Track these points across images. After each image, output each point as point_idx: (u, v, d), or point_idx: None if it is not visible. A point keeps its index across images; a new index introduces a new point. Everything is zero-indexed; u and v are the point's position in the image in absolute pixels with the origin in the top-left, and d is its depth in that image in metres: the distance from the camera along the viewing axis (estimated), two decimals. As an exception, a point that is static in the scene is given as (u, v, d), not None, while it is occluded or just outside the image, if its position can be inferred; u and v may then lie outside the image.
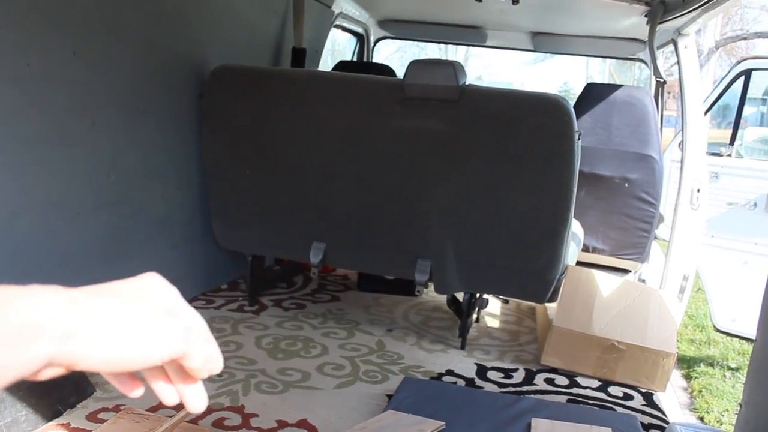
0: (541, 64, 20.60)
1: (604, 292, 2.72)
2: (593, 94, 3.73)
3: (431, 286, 2.73)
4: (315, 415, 2.09)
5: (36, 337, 0.48)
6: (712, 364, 4.42)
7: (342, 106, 2.60)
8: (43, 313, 0.49)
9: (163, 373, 0.59)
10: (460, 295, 2.79)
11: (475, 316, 3.01)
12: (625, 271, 3.67)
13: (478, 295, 2.84)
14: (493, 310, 3.27)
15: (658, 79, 3.82)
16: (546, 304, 2.87)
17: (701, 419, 3.73)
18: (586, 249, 3.62)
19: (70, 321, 0.50)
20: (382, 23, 4.78)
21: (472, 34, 4.69)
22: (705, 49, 13.13)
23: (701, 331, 5.07)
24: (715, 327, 4.24)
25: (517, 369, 2.60)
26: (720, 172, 4.18)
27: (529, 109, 2.41)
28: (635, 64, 5.45)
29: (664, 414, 2.32)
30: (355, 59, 4.88)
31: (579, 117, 3.34)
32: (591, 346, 2.51)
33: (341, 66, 3.89)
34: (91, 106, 2.30)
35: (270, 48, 3.47)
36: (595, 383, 2.50)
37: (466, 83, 2.46)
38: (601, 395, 2.41)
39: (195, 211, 2.97)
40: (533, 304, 3.27)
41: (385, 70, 3.76)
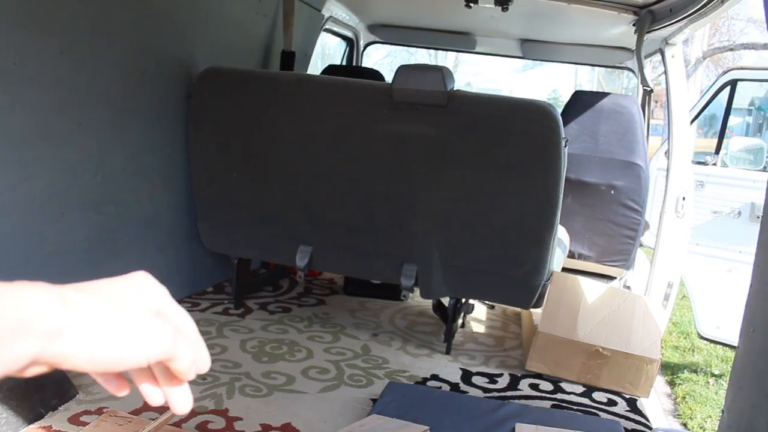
0: (530, 71, 20.76)
1: (589, 298, 2.73)
2: (580, 102, 3.76)
3: (417, 290, 2.73)
4: (299, 419, 2.08)
5: (22, 335, 0.48)
6: (695, 371, 4.45)
7: (330, 110, 2.60)
8: (30, 310, 0.48)
9: (149, 374, 0.58)
10: (446, 300, 2.79)
11: (460, 321, 3.01)
12: (610, 277, 3.70)
13: (464, 300, 2.84)
14: (478, 316, 3.28)
15: (645, 87, 3.85)
16: (531, 310, 2.88)
17: (685, 425, 3.75)
18: (571, 255, 3.64)
19: (57, 319, 0.49)
20: (372, 28, 4.79)
21: (461, 40, 4.71)
22: (692, 59, 13.26)
23: (686, 338, 5.11)
24: (699, 334, 4.27)
25: (502, 374, 2.60)
26: (705, 181, 4.21)
27: (516, 115, 2.42)
28: (624, 72, 5.49)
29: (647, 420, 2.33)
30: (344, 63, 4.89)
31: (566, 124, 3.37)
32: (576, 352, 2.52)
33: (330, 70, 3.89)
34: (78, 106, 2.29)
35: (259, 51, 3.47)
36: (580, 389, 2.51)
37: (455, 89, 2.47)
38: (585, 401, 2.42)
39: (181, 213, 2.96)
40: (519, 310, 3.29)
41: (375, 75, 3.77)
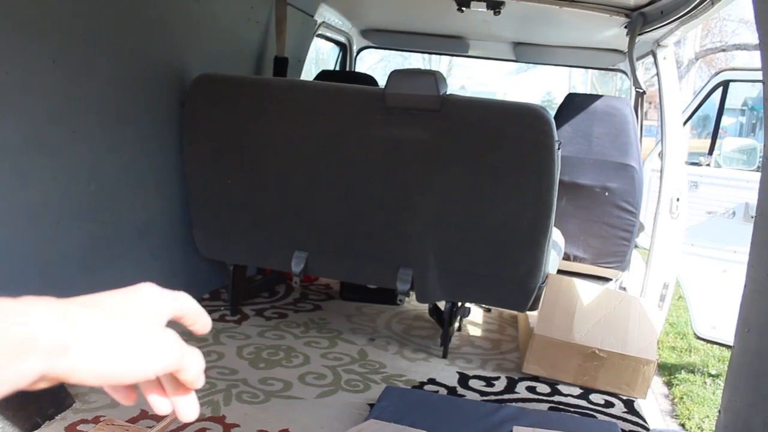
0: (524, 74, 20.78)
1: (584, 300, 2.73)
2: (574, 104, 3.77)
3: (413, 295, 2.73)
4: (296, 425, 2.08)
5: (28, 352, 0.47)
6: (692, 371, 4.45)
7: (324, 116, 2.60)
8: (35, 326, 0.48)
9: (157, 383, 0.58)
10: (442, 304, 2.79)
11: (457, 325, 3.01)
12: (605, 279, 3.70)
13: (460, 303, 2.85)
14: (475, 319, 3.28)
15: (638, 89, 3.87)
16: (527, 313, 2.88)
17: (682, 426, 3.75)
18: (567, 257, 3.65)
19: (62, 335, 0.49)
20: (365, 33, 4.80)
21: (454, 44, 4.72)
22: (685, 60, 13.32)
23: (682, 338, 5.11)
24: (695, 334, 4.27)
25: (499, 377, 2.60)
26: (699, 182, 4.22)
27: (509, 118, 2.43)
28: (617, 74, 5.51)
29: (645, 421, 2.33)
30: (338, 69, 4.89)
31: (559, 127, 3.37)
32: (572, 354, 2.52)
33: (323, 75, 3.90)
34: (71, 115, 2.29)
35: (252, 57, 3.47)
36: (577, 391, 2.51)
37: (448, 93, 2.48)
38: (582, 403, 2.43)
39: (176, 220, 2.96)
40: (515, 313, 3.29)
41: (368, 80, 3.77)
